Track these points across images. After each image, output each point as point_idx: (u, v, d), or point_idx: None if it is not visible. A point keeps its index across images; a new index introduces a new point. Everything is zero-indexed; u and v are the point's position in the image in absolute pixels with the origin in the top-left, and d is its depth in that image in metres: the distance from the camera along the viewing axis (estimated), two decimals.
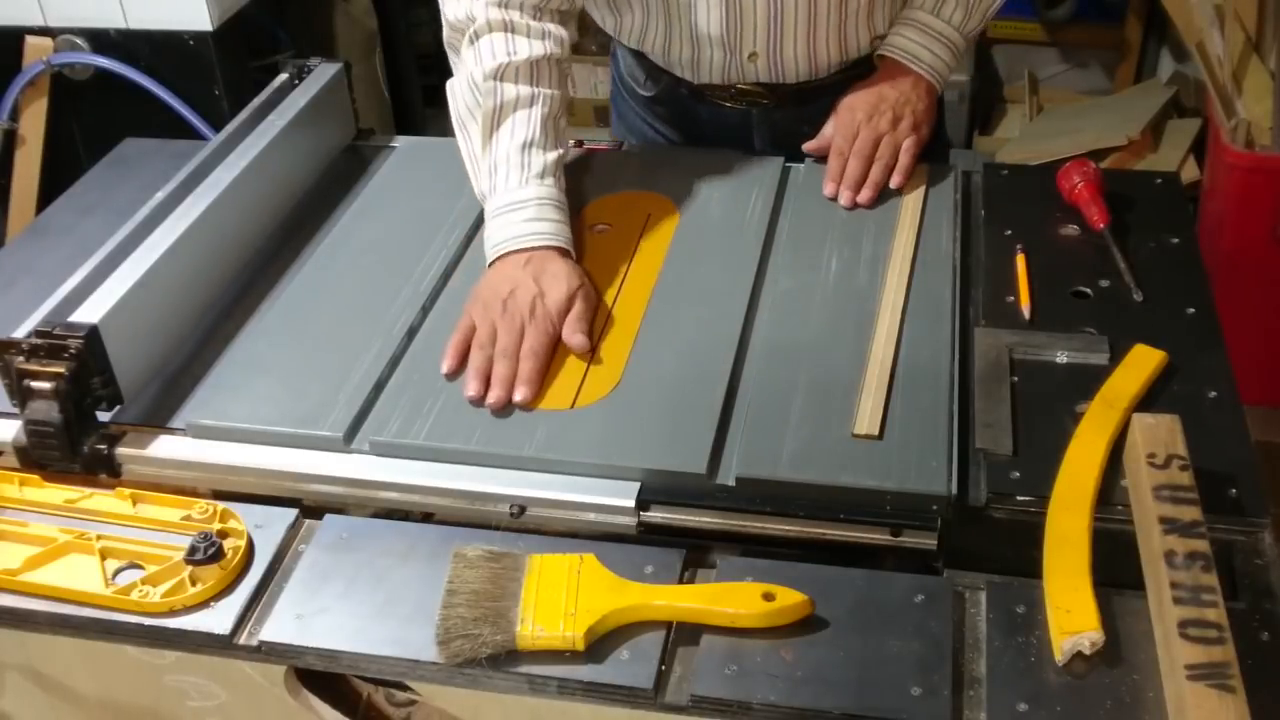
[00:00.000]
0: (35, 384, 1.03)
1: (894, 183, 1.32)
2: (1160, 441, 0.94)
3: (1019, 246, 1.24)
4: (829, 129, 1.36)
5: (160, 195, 1.27)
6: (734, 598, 0.90)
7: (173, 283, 1.17)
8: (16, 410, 1.05)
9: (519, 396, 1.09)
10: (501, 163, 1.24)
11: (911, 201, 1.30)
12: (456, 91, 1.31)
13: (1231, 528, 0.95)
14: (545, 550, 0.95)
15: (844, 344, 1.12)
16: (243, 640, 0.94)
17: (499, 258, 1.20)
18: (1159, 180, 1.36)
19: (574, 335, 1.15)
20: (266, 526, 1.01)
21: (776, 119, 1.45)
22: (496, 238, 1.22)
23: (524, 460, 1.02)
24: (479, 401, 1.09)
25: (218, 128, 1.92)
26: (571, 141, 1.44)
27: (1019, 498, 0.98)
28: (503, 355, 1.11)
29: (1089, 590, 0.87)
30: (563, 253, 1.21)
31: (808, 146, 1.38)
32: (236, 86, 2.24)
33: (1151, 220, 1.27)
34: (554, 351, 1.14)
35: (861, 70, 1.40)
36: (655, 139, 1.56)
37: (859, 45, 1.38)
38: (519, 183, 1.23)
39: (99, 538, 1.00)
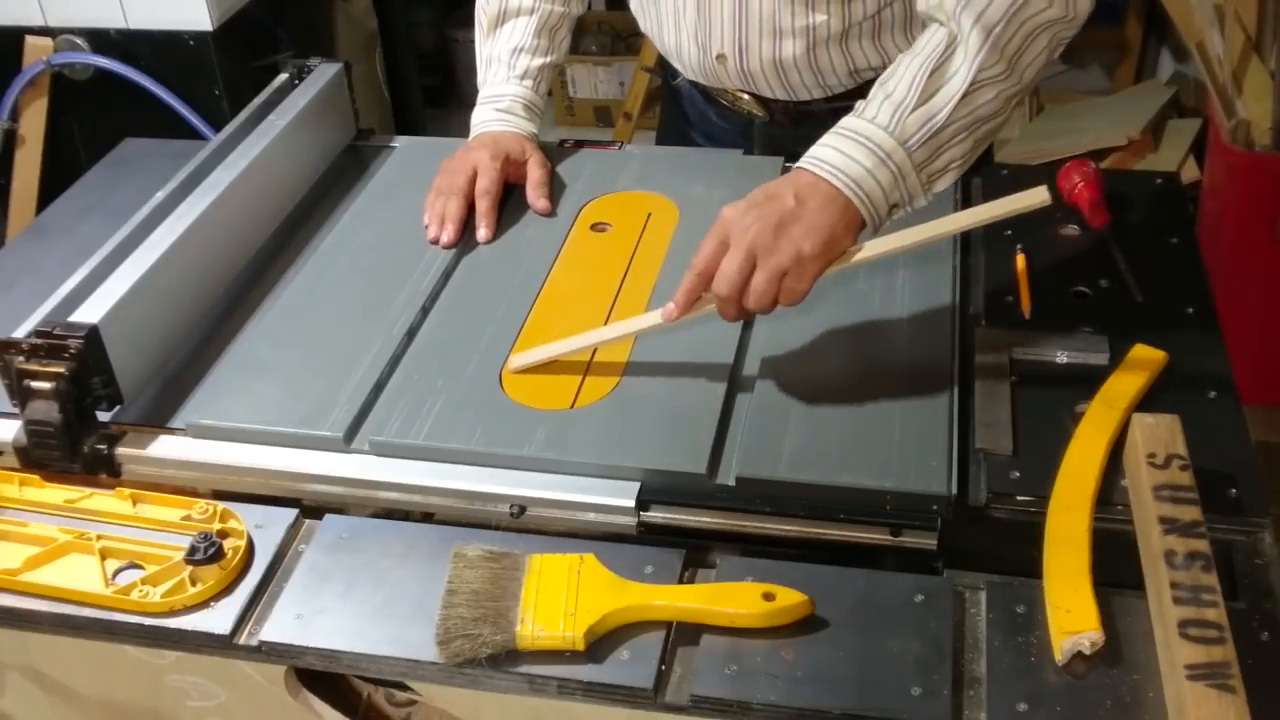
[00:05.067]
0: (35, 384, 1.03)
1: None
2: (1160, 441, 0.94)
3: (1019, 246, 1.24)
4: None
5: (160, 195, 1.27)
6: (734, 598, 0.90)
7: (173, 283, 1.17)
8: (16, 410, 1.05)
9: (480, 235, 1.30)
10: (494, 60, 1.44)
11: None
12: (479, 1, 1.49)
13: (1231, 528, 0.95)
14: (545, 550, 0.95)
15: (843, 344, 1.12)
16: (243, 640, 0.94)
17: (472, 140, 1.40)
18: (1159, 180, 1.36)
19: (539, 200, 1.34)
20: (266, 526, 1.01)
21: (773, 134, 1.45)
22: (473, 121, 1.42)
23: (524, 460, 1.02)
24: (436, 241, 1.29)
25: (218, 128, 1.92)
26: (571, 140, 1.48)
27: (1019, 498, 0.98)
28: (451, 193, 1.31)
29: (1089, 590, 0.87)
30: (522, 139, 1.39)
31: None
32: (236, 86, 2.24)
33: (1151, 220, 1.28)
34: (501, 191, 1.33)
35: (851, 103, 1.35)
36: (682, 133, 1.57)
37: (836, 75, 1.34)
38: (503, 79, 1.43)
39: (99, 538, 1.00)
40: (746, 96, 1.42)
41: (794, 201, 1.00)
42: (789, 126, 1.42)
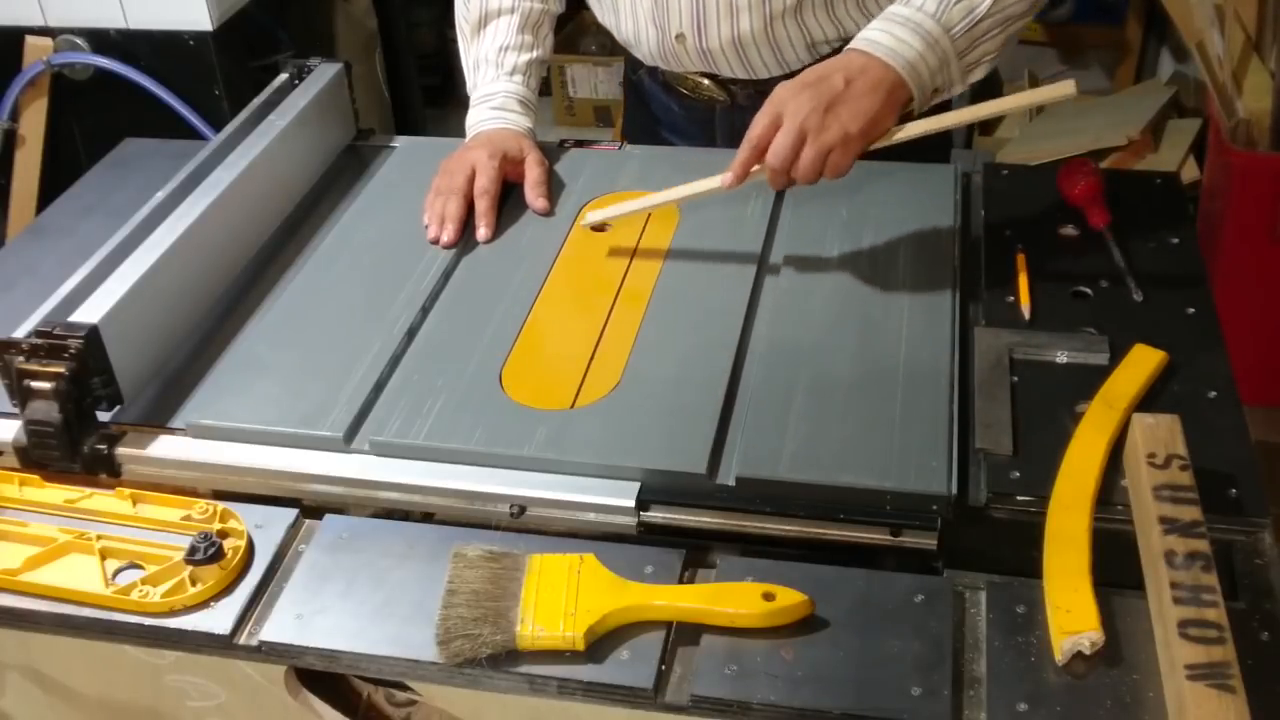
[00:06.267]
0: (35, 384, 1.03)
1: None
2: (1160, 441, 0.94)
3: (1019, 246, 1.24)
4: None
5: (160, 195, 1.27)
6: (734, 598, 0.90)
7: (173, 283, 1.17)
8: (16, 410, 1.06)
9: (479, 235, 1.30)
10: (482, 62, 1.44)
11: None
12: (458, 2, 1.49)
13: (1231, 528, 0.95)
14: (545, 550, 0.95)
15: (844, 344, 1.12)
16: (243, 640, 0.94)
17: (470, 140, 1.40)
18: (1159, 180, 1.36)
19: (537, 200, 1.34)
20: (266, 526, 1.01)
21: (735, 120, 1.45)
22: (469, 122, 1.42)
23: (524, 460, 1.02)
24: (436, 241, 1.29)
25: (218, 128, 1.92)
26: (571, 141, 1.48)
27: (1019, 498, 0.98)
28: (450, 193, 1.31)
29: (1089, 590, 0.87)
30: (519, 137, 1.39)
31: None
32: (236, 86, 2.24)
33: (1151, 220, 1.27)
34: (500, 190, 1.33)
35: None
36: (647, 127, 1.57)
37: (794, 50, 1.35)
38: (494, 78, 1.43)
39: (99, 538, 1.00)
40: (706, 81, 1.42)
41: (843, 84, 1.10)
42: (750, 111, 1.42)
